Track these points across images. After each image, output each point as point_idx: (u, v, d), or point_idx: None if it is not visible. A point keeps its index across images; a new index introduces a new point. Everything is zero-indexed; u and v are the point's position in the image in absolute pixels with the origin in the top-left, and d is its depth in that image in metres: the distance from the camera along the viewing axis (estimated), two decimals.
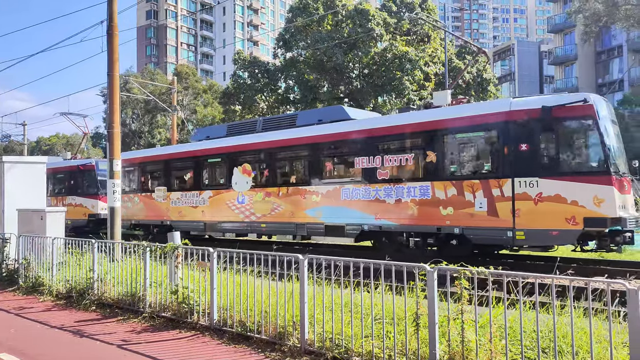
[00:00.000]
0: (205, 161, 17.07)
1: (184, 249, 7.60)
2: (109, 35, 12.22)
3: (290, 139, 14.73)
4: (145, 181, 19.41)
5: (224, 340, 6.26)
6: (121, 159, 18.76)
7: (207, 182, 17.10)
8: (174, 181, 18.31)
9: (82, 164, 23.52)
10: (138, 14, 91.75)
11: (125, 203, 18.89)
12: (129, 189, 19.82)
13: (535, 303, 4.34)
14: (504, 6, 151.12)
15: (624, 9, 32.65)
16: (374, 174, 12.63)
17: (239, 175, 15.77)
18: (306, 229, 14.02)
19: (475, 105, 12.84)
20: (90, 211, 22.50)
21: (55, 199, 24.25)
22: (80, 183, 23.37)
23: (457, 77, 23.09)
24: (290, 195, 14.38)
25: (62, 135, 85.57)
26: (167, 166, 18.55)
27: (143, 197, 19.23)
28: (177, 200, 17.73)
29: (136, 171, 19.81)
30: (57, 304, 8.81)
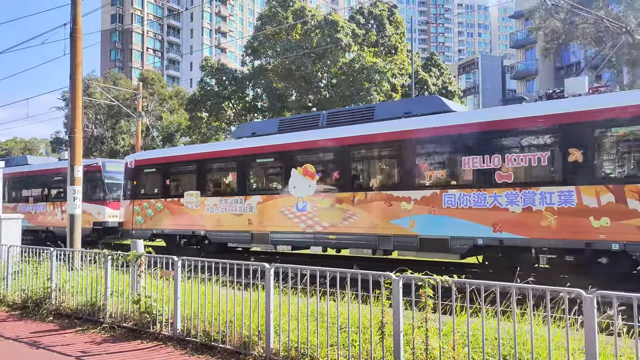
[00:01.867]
0: (253, 161, 14.70)
1: (147, 257, 7.44)
2: (72, 38, 11.97)
3: (369, 135, 12.49)
4: (171, 185, 16.74)
5: (188, 350, 6.15)
6: (140, 159, 17.69)
7: (255, 186, 14.81)
8: (209, 185, 15.79)
9: (87, 165, 20.71)
10: (103, 17, 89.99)
11: (145, 210, 17.02)
12: (150, 193, 17.38)
13: (497, 311, 4.44)
14: (468, 21, 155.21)
15: (581, 27, 33.99)
16: (491, 177, 10.52)
17: (299, 177, 13.48)
18: (393, 242, 11.81)
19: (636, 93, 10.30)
20: (96, 218, 20.43)
21: (52, 204, 22.26)
22: (83, 187, 21.82)
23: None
24: (370, 202, 12.20)
25: (20, 140, 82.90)
26: (202, 167, 15.89)
27: (168, 204, 16.51)
28: (215, 207, 15.19)
29: (159, 173, 17.08)
30: (11, 314, 8.48)
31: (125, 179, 18.26)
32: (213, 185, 15.77)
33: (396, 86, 34.49)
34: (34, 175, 23.12)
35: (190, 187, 16.12)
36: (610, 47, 30.74)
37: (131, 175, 17.86)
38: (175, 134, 50.07)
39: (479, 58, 71.93)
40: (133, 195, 17.65)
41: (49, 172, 22.81)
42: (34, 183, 23.03)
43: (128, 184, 18.05)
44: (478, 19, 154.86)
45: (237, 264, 6.34)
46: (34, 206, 22.72)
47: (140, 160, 17.79)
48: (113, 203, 20.46)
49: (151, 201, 16.98)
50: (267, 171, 14.84)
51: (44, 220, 22.20)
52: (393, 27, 36.08)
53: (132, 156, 18.83)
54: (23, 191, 23.66)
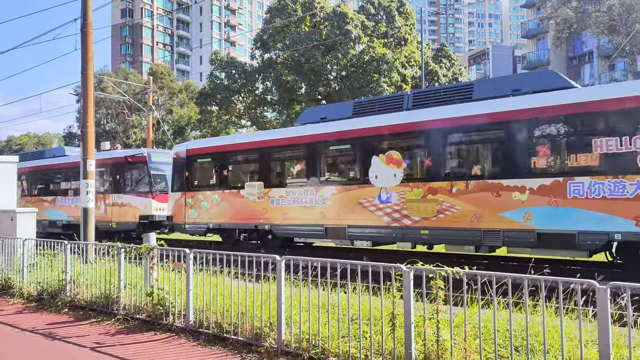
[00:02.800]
0: (325, 149, 13.44)
1: (160, 250, 7.51)
2: (83, 33, 12.02)
3: (470, 117, 11.10)
4: (229, 175, 15.52)
5: (200, 341, 6.21)
6: (193, 148, 16.57)
7: (329, 176, 13.52)
8: (275, 175, 14.60)
9: (131, 155, 19.84)
10: (113, 12, 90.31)
11: (199, 202, 15.84)
12: (204, 184, 16.26)
13: (508, 303, 4.43)
14: (479, 11, 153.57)
15: (594, 16, 33.52)
16: (632, 161, 9.09)
17: (381, 165, 12.18)
18: (502, 237, 10.41)
19: None
20: (142, 212, 19.12)
21: (99, 196, 20.91)
22: (128, 178, 19.78)
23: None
24: (472, 192, 10.86)
25: (34, 135, 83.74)
26: (265, 156, 14.63)
27: (226, 195, 15.27)
28: (281, 198, 13.97)
29: (215, 163, 15.87)
30: (27, 306, 8.61)
31: (174, 170, 17.15)
32: (279, 176, 14.62)
33: (406, 77, 34.29)
34: (73, 167, 21.47)
35: (252, 177, 15.05)
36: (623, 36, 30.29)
37: (182, 166, 16.72)
38: (186, 128, 50.28)
39: (489, 48, 71.25)
40: (185, 187, 16.47)
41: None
42: (73, 175, 21.60)
43: (178, 175, 16.89)
44: (489, 8, 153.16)
45: (248, 256, 6.38)
46: (74, 199, 21.46)
47: (192, 150, 16.68)
48: (160, 195, 19.28)
49: (206, 193, 15.78)
50: (342, 159, 13.62)
51: None
52: (403, 19, 35.81)
53: (182, 145, 17.79)
54: (62, 184, 22.45)
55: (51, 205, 22.49)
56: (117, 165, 20.09)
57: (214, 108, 39.56)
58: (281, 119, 38.26)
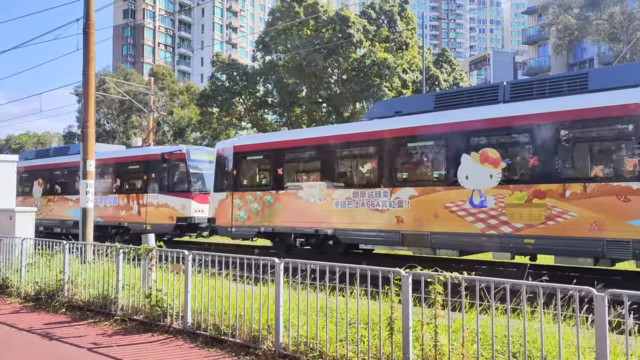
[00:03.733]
0: (402, 146, 12.14)
1: (158, 251, 7.51)
2: (85, 33, 12.04)
3: (590, 110, 9.69)
4: (285, 174, 14.17)
5: (198, 343, 6.21)
6: (242, 144, 15.30)
7: (407, 176, 12.23)
8: (340, 174, 13.29)
9: (169, 153, 18.33)
10: (115, 12, 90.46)
11: (249, 204, 14.59)
12: (255, 184, 14.97)
13: (507, 309, 4.43)
14: (480, 17, 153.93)
15: (595, 24, 33.60)
16: None
17: (473, 165, 10.84)
18: (633, 249, 9.00)
19: None
20: (180, 213, 17.65)
21: (127, 197, 19.45)
22: (164, 177, 18.38)
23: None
24: (592, 196, 9.46)
25: (33, 134, 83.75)
26: (328, 154, 13.31)
27: (281, 197, 13.99)
28: (347, 201, 12.66)
29: (269, 161, 14.64)
30: (25, 306, 8.60)
31: (218, 168, 15.92)
32: (344, 175, 13.31)
33: (407, 82, 34.35)
34: (102, 165, 20.22)
35: (312, 177, 13.74)
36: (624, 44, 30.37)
37: (228, 164, 15.43)
38: (186, 129, 50.32)
39: (490, 54, 71.33)
40: (232, 187, 15.15)
41: (121, 161, 20.25)
42: (101, 173, 20.25)
43: (223, 174, 15.64)
44: (490, 14, 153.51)
45: (247, 258, 6.38)
46: (103, 199, 20.04)
47: (242, 146, 15.42)
48: (199, 196, 17.92)
49: (257, 194, 14.48)
50: (423, 157, 12.11)
51: (116, 215, 19.59)
52: (404, 23, 35.90)
53: (228, 142, 16.71)
54: None
55: (77, 205, 21.30)
56: (153, 162, 18.63)
57: (214, 110, 39.62)
58: (281, 122, 38.31)
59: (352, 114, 34.78)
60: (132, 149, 20.40)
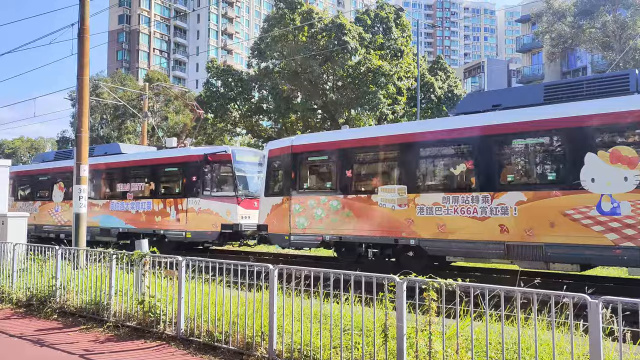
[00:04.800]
0: (507, 143, 10.84)
1: (152, 257, 7.47)
2: (80, 38, 12.02)
3: None
4: (354, 176, 12.88)
5: (191, 350, 6.17)
6: (302, 143, 13.96)
7: (512, 178, 10.80)
8: (424, 176, 11.96)
9: (212, 153, 16.87)
10: (110, 17, 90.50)
11: (311, 210, 13.30)
12: (318, 187, 13.69)
13: (501, 315, 4.43)
14: (475, 25, 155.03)
15: (588, 32, 33.90)
16: None
17: (602, 165, 9.45)
18: None
19: None
20: (225, 220, 16.15)
21: (163, 202, 17.70)
22: (207, 180, 16.89)
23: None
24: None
25: (27, 139, 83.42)
26: (410, 153, 11.97)
27: (350, 202, 12.64)
28: (435, 207, 11.31)
29: (335, 161, 13.26)
30: (16, 312, 8.52)
31: (270, 170, 14.78)
32: (431, 177, 11.96)
33: (402, 89, 34.47)
34: (135, 167, 18.95)
35: (388, 179, 12.31)
36: (617, 52, 30.65)
37: (285, 165, 14.15)
38: (181, 135, 50.23)
39: (484, 62, 71.73)
40: (289, 190, 13.84)
41: (156, 163, 18.47)
42: (132, 176, 18.99)
43: (278, 176, 14.48)
44: (484, 22, 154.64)
45: (241, 264, 6.35)
46: (135, 204, 18.57)
47: (302, 145, 14.02)
48: (246, 200, 16.46)
49: (321, 198, 13.13)
50: (534, 157, 10.70)
51: (150, 221, 17.99)
52: (399, 31, 36.06)
53: (283, 140, 15.30)
54: (118, 186, 19.47)
55: (103, 210, 19.61)
56: (194, 164, 17.07)
57: (209, 115, 39.58)
58: (276, 128, 38.32)
59: (347, 120, 34.81)
60: (168, 150, 18.73)
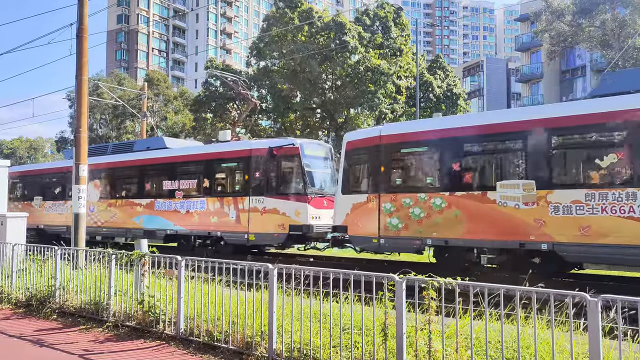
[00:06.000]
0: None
1: (151, 257, 7.46)
2: (78, 38, 12.01)
3: None
4: (464, 170, 11.31)
5: (190, 350, 6.16)
6: (393, 133, 12.37)
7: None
8: (561, 169, 10.39)
9: (278, 147, 15.27)
10: (109, 17, 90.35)
11: (406, 209, 11.81)
12: (415, 184, 12.13)
13: (500, 314, 4.42)
14: (473, 24, 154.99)
15: (587, 31, 33.90)
16: None
17: None
18: None
19: None
20: (293, 220, 14.58)
21: (219, 201, 16.05)
22: (272, 176, 15.26)
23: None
24: None
25: (26, 139, 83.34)
26: (539, 141, 10.37)
27: (459, 200, 11.13)
28: (576, 205, 9.71)
29: (437, 153, 11.72)
30: (16, 312, 8.51)
31: (350, 164, 13.36)
32: (569, 170, 10.39)
33: (401, 88, 34.47)
34: (186, 162, 17.53)
35: (509, 173, 10.77)
36: (616, 51, 30.65)
37: (371, 157, 12.72)
38: (180, 135, 50.21)
39: (483, 61, 71.74)
40: (376, 187, 12.41)
41: (211, 157, 16.83)
42: (184, 172, 17.40)
43: (361, 171, 13.20)
44: (483, 21, 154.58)
45: (240, 264, 6.35)
46: (185, 203, 16.98)
47: (393, 135, 12.43)
48: (316, 199, 14.96)
49: (420, 196, 11.63)
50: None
51: (205, 222, 16.38)
52: (398, 30, 36.05)
53: (368, 131, 13.52)
54: (165, 183, 17.75)
55: (147, 211, 18.06)
56: (257, 159, 15.45)
57: (208, 115, 39.58)
58: (275, 128, 38.33)
59: (346, 120, 34.83)
60: (225, 144, 17.03)
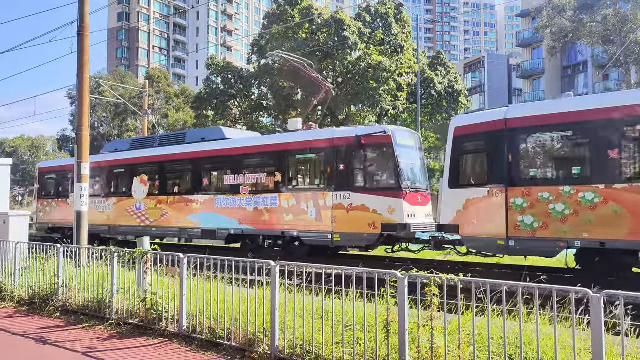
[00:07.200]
0: None
1: (153, 255, 7.47)
2: (79, 36, 12.00)
3: None
4: (626, 160, 9.55)
5: (193, 347, 6.17)
6: (530, 114, 10.75)
7: None
8: None
9: (367, 135, 13.45)
10: (110, 15, 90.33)
11: (543, 206, 10.19)
12: (553, 175, 10.59)
13: (503, 310, 4.43)
14: (474, 20, 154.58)
15: (589, 26, 33.79)
16: None
17: None
18: None
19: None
20: (386, 219, 12.81)
21: (294, 196, 14.45)
22: (359, 168, 13.65)
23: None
24: None
25: (28, 137, 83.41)
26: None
27: (621, 194, 9.36)
28: None
29: (586, 137, 10.04)
30: (19, 310, 8.54)
31: (461, 153, 11.76)
32: None
33: (402, 85, 34.40)
34: (253, 155, 15.97)
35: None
36: (618, 46, 30.56)
37: (492, 145, 11.09)
38: None
39: (485, 57, 71.62)
40: (500, 179, 10.84)
41: (284, 148, 15.00)
42: (250, 166, 15.78)
43: (477, 160, 11.70)
44: (484, 17, 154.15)
45: (242, 261, 6.36)
46: (252, 199, 15.34)
47: (525, 118, 10.73)
48: (411, 194, 13.30)
49: (562, 189, 9.95)
50: None
51: (277, 221, 14.79)
52: (399, 26, 35.95)
53: (488, 113, 11.77)
54: (226, 178, 16.19)
55: (205, 208, 16.56)
56: (341, 149, 13.75)
57: (209, 113, 39.54)
58: (277, 125, 38.29)
59: (347, 117, 34.77)
60: (299, 133, 15.33)
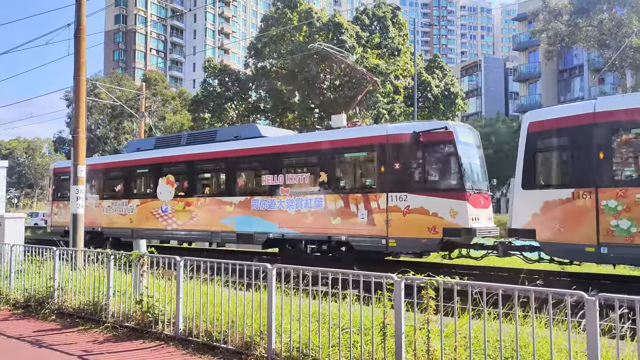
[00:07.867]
0: None
1: (150, 257, 7.45)
2: (76, 38, 11.99)
3: None
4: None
5: (189, 350, 6.16)
6: (621, 107, 9.55)
7: None
8: None
9: (426, 131, 12.37)
10: (106, 17, 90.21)
11: (617, 203, 9.28)
12: (637, 176, 9.55)
13: (499, 313, 4.44)
14: (471, 23, 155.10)
15: (585, 30, 33.97)
16: None
17: None
18: None
19: None
20: (448, 223, 11.78)
21: (342, 198, 13.40)
22: (416, 168, 12.61)
23: None
24: None
25: (24, 139, 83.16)
26: None
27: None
28: None
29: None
30: (14, 313, 8.50)
31: (536, 150, 10.74)
32: None
33: (398, 88, 34.48)
34: (294, 153, 14.90)
35: None
36: (613, 50, 30.71)
37: (578, 141, 10.05)
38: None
39: (481, 60, 71.91)
40: (587, 179, 9.78)
41: (333, 147, 13.88)
42: (291, 165, 14.82)
43: (557, 158, 10.69)
44: (481, 21, 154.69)
45: (239, 264, 6.35)
46: (294, 201, 14.35)
47: (619, 111, 9.71)
48: (475, 196, 12.25)
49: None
50: None
51: (323, 224, 13.68)
52: (396, 29, 36.05)
53: (572, 106, 10.88)
54: (264, 178, 15.11)
55: (240, 211, 15.53)
56: (396, 146, 12.72)
57: (206, 115, 39.54)
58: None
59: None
60: (348, 130, 14.38)
